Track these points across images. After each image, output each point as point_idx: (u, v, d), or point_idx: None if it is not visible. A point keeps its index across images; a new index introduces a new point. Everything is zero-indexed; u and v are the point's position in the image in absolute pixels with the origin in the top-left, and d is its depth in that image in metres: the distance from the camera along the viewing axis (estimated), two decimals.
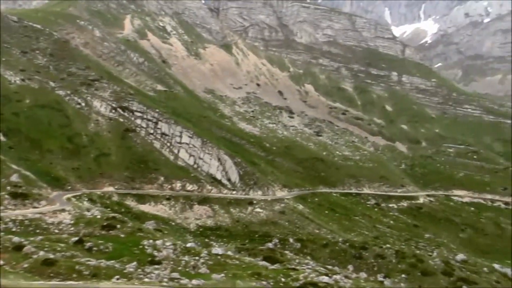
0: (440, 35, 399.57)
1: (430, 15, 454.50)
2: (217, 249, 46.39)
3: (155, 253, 40.26)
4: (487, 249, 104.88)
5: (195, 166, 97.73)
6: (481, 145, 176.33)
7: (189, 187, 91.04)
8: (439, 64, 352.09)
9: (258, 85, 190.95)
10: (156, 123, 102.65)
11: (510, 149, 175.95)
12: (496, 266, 66.02)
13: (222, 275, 36.42)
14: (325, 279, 38.33)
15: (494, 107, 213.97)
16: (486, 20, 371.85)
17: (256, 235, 76.19)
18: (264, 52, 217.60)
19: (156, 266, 36.91)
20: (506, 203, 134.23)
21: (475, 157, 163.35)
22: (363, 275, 51.77)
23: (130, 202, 79.77)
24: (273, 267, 42.94)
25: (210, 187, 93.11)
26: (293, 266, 44.52)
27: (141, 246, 41.22)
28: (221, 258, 42.93)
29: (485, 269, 61.15)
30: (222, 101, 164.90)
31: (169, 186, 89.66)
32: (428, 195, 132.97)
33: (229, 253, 47.36)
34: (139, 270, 34.90)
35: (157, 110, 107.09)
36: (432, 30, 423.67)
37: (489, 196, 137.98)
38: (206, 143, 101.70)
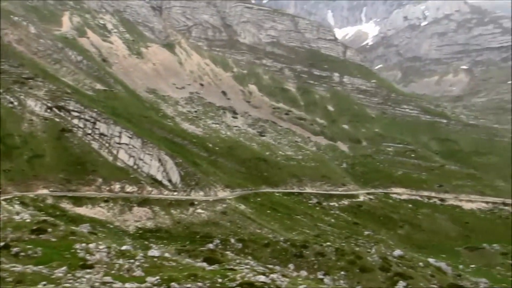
0: (380, 37, 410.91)
1: (371, 18, 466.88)
2: (153, 251, 45.32)
3: (88, 257, 38.71)
4: (423, 244, 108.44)
5: (135, 167, 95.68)
6: (418, 144, 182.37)
7: (129, 188, 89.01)
8: (380, 65, 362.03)
9: (201, 85, 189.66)
10: (94, 123, 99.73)
11: (445, 148, 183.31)
12: (431, 260, 68.27)
13: (157, 277, 35.53)
14: (262, 278, 38.15)
15: (431, 107, 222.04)
16: (424, 23, 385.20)
17: (197, 236, 75.39)
18: (207, 52, 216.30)
19: (88, 270, 35.46)
20: (441, 200, 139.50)
21: (412, 155, 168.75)
22: (303, 273, 52.12)
23: (66, 205, 77.02)
24: (210, 268, 42.38)
25: (150, 188, 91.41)
26: (231, 267, 44.15)
27: (73, 250, 39.53)
28: (157, 260, 41.96)
29: (420, 263, 63.05)
30: (164, 101, 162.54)
31: (108, 188, 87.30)
32: (368, 193, 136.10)
33: (167, 255, 46.39)
34: (69, 275, 33.41)
35: (95, 110, 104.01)
36: (373, 32, 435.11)
37: (425, 193, 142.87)
38: (147, 143, 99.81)
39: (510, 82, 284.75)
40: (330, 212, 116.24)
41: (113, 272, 36.39)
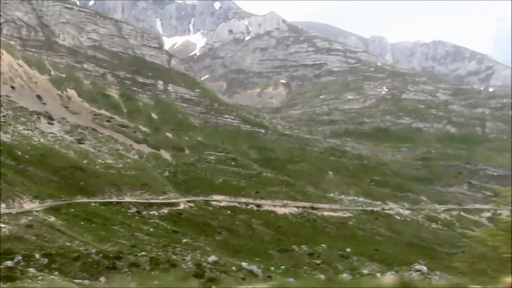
0: (207, 48, 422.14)
1: (199, 29, 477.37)
2: None
3: None
4: (239, 249, 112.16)
5: None
6: (239, 152, 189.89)
7: None
8: (207, 76, 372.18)
9: (12, 87, 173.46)
10: None
11: (263, 156, 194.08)
12: (244, 264, 71.21)
13: None
14: None
15: (251, 117, 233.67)
16: (247, 38, 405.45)
17: None
18: (21, 52, 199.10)
19: None
20: (258, 206, 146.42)
21: (233, 163, 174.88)
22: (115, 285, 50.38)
23: None
24: None
25: None
26: (25, 285, 40.81)
27: None
28: None
29: (234, 268, 65.29)
30: None
31: None
32: (189, 201, 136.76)
33: None
34: None
35: None
36: (201, 43, 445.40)
37: (243, 200, 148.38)
38: None
39: (322, 96, 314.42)
40: (150, 221, 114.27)
41: None
